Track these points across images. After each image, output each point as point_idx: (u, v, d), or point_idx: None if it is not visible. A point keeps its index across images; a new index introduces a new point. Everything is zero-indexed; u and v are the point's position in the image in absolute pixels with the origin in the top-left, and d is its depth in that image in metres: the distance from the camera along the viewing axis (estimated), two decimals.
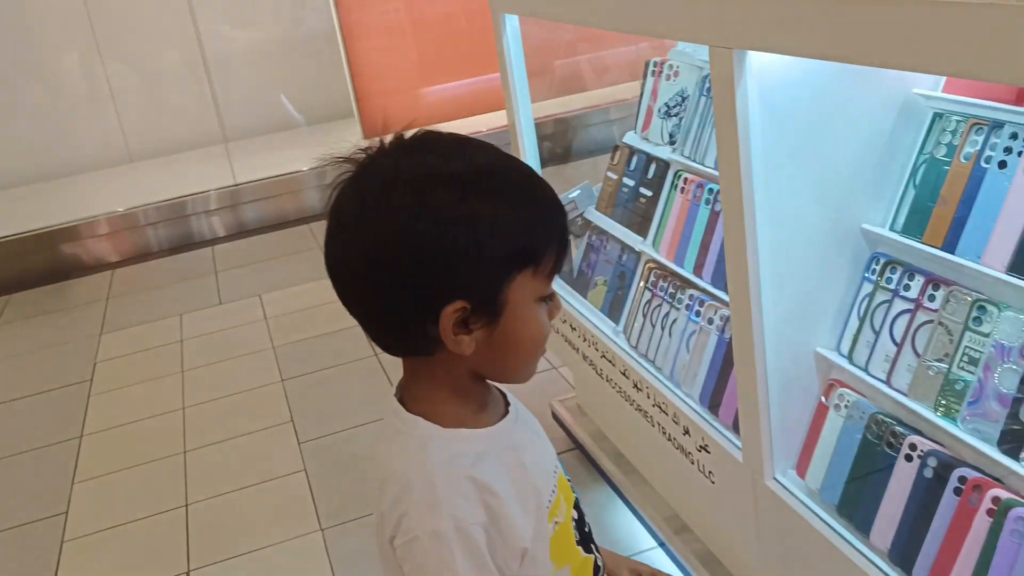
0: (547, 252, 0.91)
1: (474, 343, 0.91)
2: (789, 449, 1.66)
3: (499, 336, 0.91)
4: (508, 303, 0.90)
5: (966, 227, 1.38)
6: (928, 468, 1.37)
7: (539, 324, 0.94)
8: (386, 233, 0.88)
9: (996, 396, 1.30)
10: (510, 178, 0.93)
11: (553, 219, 0.94)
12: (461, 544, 0.89)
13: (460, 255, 0.87)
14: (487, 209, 0.88)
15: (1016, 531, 1.22)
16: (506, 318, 0.91)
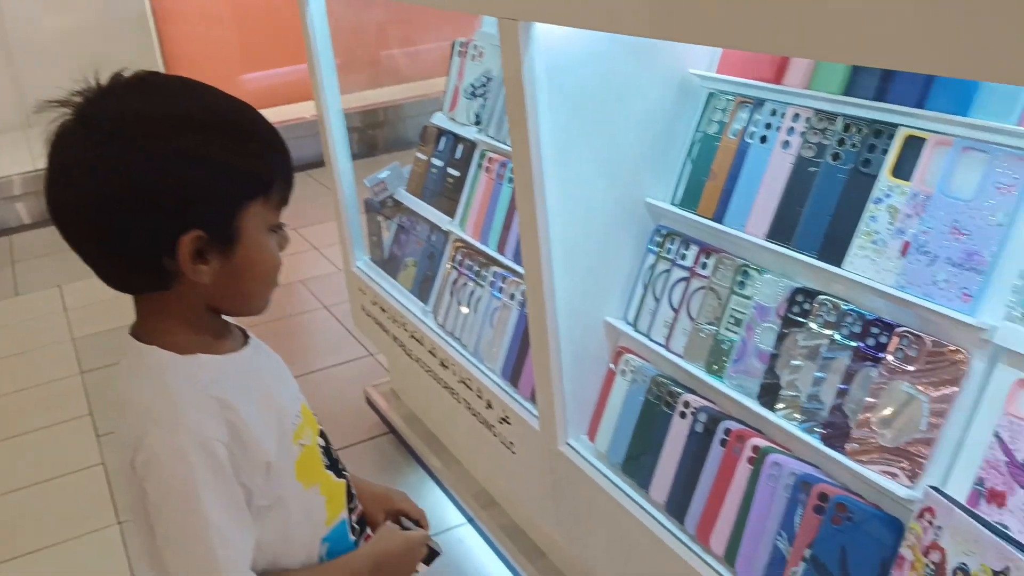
0: (274, 183, 0.97)
1: (211, 273, 0.94)
2: (581, 415, 1.73)
3: (235, 265, 0.96)
4: (242, 232, 0.95)
5: (732, 199, 1.48)
6: (699, 423, 1.46)
7: (271, 253, 0.99)
8: (117, 173, 0.89)
9: (756, 353, 1.41)
10: (235, 116, 0.97)
11: (277, 152, 0.99)
12: (203, 459, 0.91)
13: (193, 189, 0.91)
14: (216, 144, 0.92)
15: (771, 475, 1.32)
16: (241, 246, 0.95)
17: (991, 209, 1.12)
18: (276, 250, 1.00)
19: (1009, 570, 1.00)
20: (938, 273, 1.16)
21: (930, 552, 1.10)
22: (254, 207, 0.96)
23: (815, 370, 1.31)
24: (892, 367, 1.20)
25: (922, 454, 1.16)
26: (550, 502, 1.83)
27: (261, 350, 1.08)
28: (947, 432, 1.15)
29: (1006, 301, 1.10)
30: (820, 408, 1.29)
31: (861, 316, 1.26)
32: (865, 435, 1.22)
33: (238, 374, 0.99)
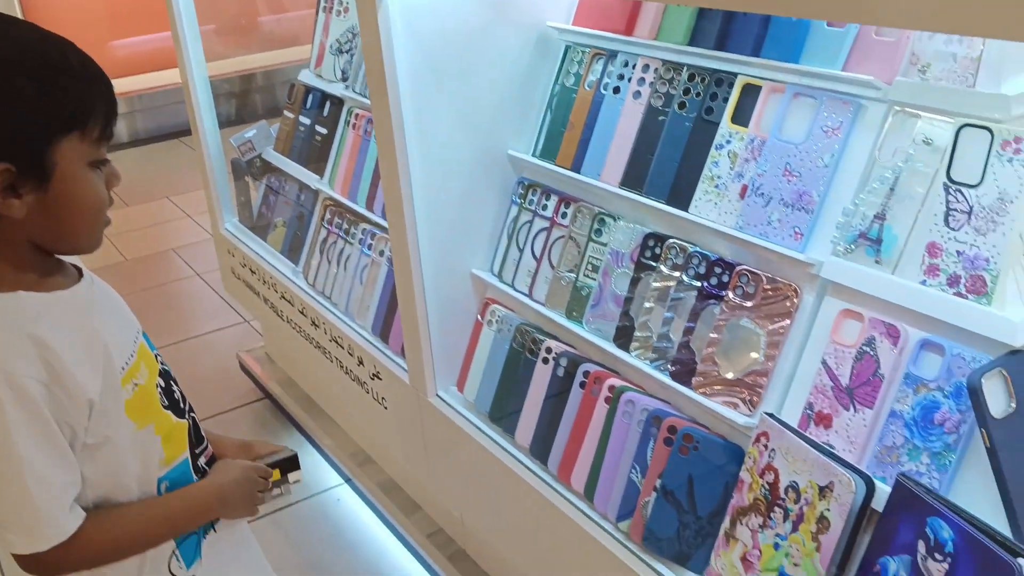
0: (92, 116, 0.94)
1: (25, 207, 0.92)
2: (451, 367, 1.75)
3: (53, 200, 0.93)
4: (57, 167, 0.93)
5: (589, 149, 1.52)
6: (560, 368, 1.50)
7: (94, 189, 0.96)
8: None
9: (612, 298, 1.46)
10: (44, 49, 0.94)
11: (93, 85, 0.96)
12: (14, 397, 0.90)
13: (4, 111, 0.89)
14: (22, 79, 0.90)
15: (626, 412, 1.37)
16: (57, 181, 0.93)
17: (819, 151, 1.19)
18: (100, 186, 0.97)
19: (833, 484, 1.08)
20: (772, 213, 1.23)
21: (765, 473, 1.17)
22: (68, 141, 0.93)
23: (665, 311, 1.36)
24: (732, 304, 1.27)
25: (760, 384, 1.23)
26: (422, 454, 1.86)
27: (96, 287, 1.05)
28: (782, 362, 1.22)
29: (831, 237, 1.17)
30: (669, 347, 1.35)
31: (706, 257, 1.32)
32: (709, 369, 1.28)
33: (62, 313, 0.97)
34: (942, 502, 0.98)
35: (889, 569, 1.03)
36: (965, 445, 1.02)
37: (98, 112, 0.95)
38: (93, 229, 0.99)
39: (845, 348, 1.14)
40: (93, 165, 0.96)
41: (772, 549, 1.15)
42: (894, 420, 1.08)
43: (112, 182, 0.99)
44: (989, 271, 1.01)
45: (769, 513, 1.16)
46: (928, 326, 1.07)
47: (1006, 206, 1.00)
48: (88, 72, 0.96)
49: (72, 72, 0.94)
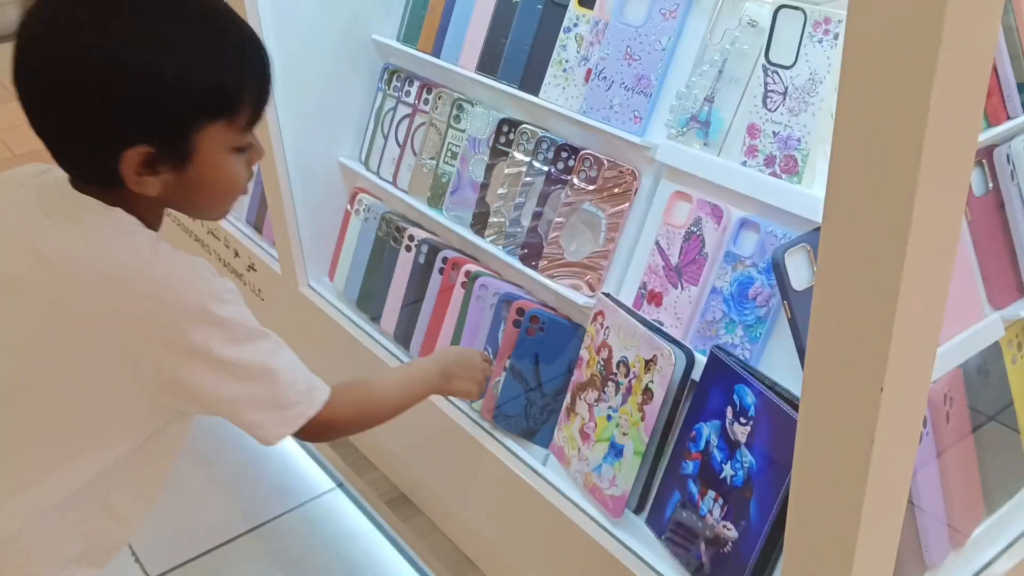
0: (242, 103, 0.86)
1: (160, 184, 0.86)
2: (322, 257, 1.76)
3: (188, 180, 0.87)
4: (198, 152, 0.86)
5: (448, 33, 1.50)
6: (422, 255, 1.52)
7: (232, 173, 0.90)
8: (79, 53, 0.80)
9: (470, 184, 1.47)
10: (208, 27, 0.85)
11: (249, 69, 0.88)
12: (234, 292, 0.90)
13: (148, 94, 0.81)
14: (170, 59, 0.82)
15: (480, 296, 1.40)
16: (195, 164, 0.86)
17: (657, 34, 1.20)
18: (240, 169, 0.90)
19: (656, 358, 1.13)
20: (614, 98, 1.24)
21: (601, 350, 1.22)
22: (213, 128, 0.85)
23: (517, 196, 1.38)
24: (577, 188, 1.29)
25: (601, 266, 1.27)
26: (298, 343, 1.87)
27: None
28: (621, 244, 1.25)
29: (665, 120, 1.19)
30: (520, 231, 1.38)
31: (554, 142, 1.33)
32: (554, 252, 1.32)
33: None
34: (748, 370, 1.04)
35: (703, 434, 1.09)
36: (774, 317, 1.07)
37: (250, 99, 0.87)
38: (224, 206, 0.94)
39: (676, 229, 1.18)
40: (237, 150, 0.89)
41: (605, 421, 1.21)
42: (715, 296, 1.13)
43: (254, 159, 0.92)
44: (800, 151, 1.04)
45: (603, 387, 1.22)
46: (747, 205, 1.11)
47: (816, 86, 1.03)
48: (247, 54, 0.88)
49: (228, 54, 0.86)
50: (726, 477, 1.05)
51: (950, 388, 1.06)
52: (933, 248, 0.70)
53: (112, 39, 0.80)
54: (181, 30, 0.83)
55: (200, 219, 0.96)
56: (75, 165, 0.87)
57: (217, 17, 0.86)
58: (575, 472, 1.25)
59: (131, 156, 0.83)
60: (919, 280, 0.70)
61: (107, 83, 0.80)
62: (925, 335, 0.75)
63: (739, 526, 1.03)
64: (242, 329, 0.88)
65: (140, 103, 0.82)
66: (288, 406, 0.91)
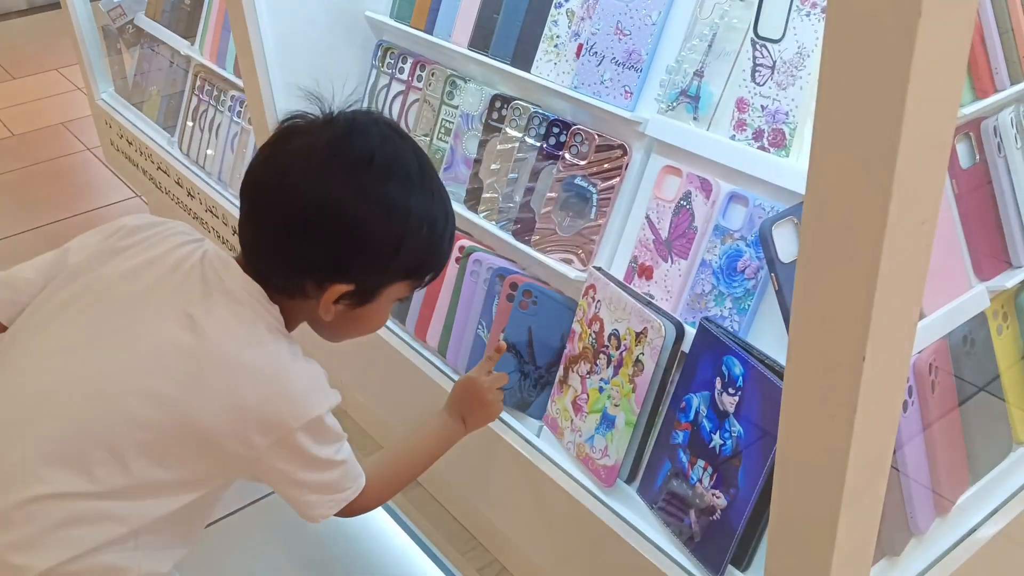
0: (432, 272, 1.01)
1: (335, 312, 0.97)
2: None
3: (356, 315, 0.99)
4: (378, 298, 0.99)
5: (440, 10, 1.51)
6: None
7: (385, 316, 1.03)
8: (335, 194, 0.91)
9: (463, 160, 1.48)
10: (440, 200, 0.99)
11: (446, 245, 1.01)
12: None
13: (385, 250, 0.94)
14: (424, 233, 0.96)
15: (473, 271, 1.42)
16: (370, 306, 0.99)
17: (648, 9, 1.21)
18: (388, 313, 1.03)
19: (646, 330, 1.15)
20: (605, 72, 1.25)
21: (593, 323, 1.23)
22: (402, 284, 0.99)
23: (509, 172, 1.39)
24: (568, 163, 1.30)
25: (592, 240, 1.28)
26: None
27: None
28: (613, 219, 1.27)
29: (655, 95, 1.20)
30: (512, 207, 1.39)
31: (546, 118, 1.34)
32: (546, 227, 1.33)
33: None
34: (736, 342, 1.06)
35: (692, 404, 1.11)
36: (762, 289, 1.08)
37: (438, 268, 1.02)
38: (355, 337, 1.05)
39: (666, 203, 1.19)
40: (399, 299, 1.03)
41: (597, 392, 1.23)
42: (704, 269, 1.14)
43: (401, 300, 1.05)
44: (788, 124, 1.05)
45: (595, 360, 1.23)
46: (736, 179, 1.12)
47: (804, 60, 1.03)
48: (451, 234, 1.01)
49: (445, 233, 0.99)
50: (715, 446, 1.07)
51: (936, 358, 1.07)
52: (914, 220, 0.71)
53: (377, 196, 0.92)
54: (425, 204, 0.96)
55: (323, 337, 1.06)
56: (276, 274, 0.95)
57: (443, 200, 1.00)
58: (568, 443, 1.27)
59: (336, 290, 0.94)
60: (900, 251, 0.71)
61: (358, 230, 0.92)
62: (906, 306, 0.77)
63: (728, 494, 1.05)
64: (334, 435, 0.98)
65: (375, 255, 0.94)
66: (340, 491, 1.01)
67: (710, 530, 1.07)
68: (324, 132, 0.94)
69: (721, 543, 1.05)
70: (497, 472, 1.39)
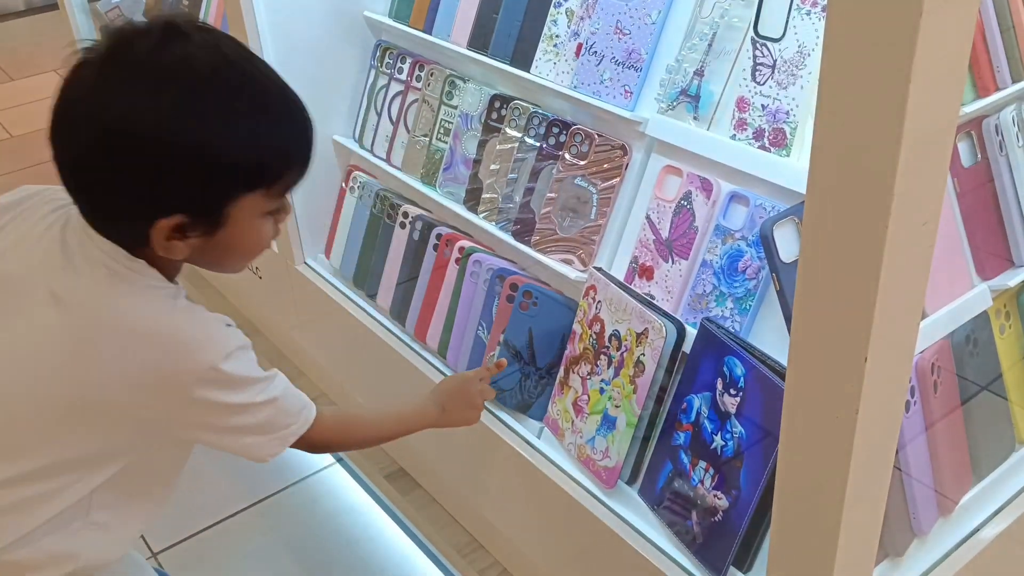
0: (282, 175, 0.87)
1: (187, 248, 0.86)
2: (318, 235, 1.76)
3: (216, 243, 0.87)
4: (231, 218, 0.85)
5: (439, 9, 1.50)
6: (416, 231, 1.53)
7: (260, 236, 0.90)
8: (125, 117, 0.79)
9: (463, 161, 1.47)
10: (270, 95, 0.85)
11: (296, 140, 0.88)
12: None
13: (193, 166, 0.81)
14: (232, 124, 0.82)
15: (473, 272, 1.41)
16: (226, 230, 0.86)
17: (647, 8, 1.20)
18: (268, 230, 0.90)
19: (647, 331, 1.14)
20: (605, 72, 1.25)
21: (593, 324, 1.23)
22: (250, 197, 0.85)
23: (509, 172, 1.39)
24: (568, 163, 1.30)
25: (592, 241, 1.27)
26: (294, 319, 1.89)
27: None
28: (613, 219, 1.26)
29: (655, 94, 1.19)
30: (512, 207, 1.38)
31: (545, 117, 1.33)
32: (546, 227, 1.32)
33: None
34: (737, 342, 1.05)
35: (693, 405, 1.10)
36: (763, 290, 1.08)
37: (289, 171, 0.87)
38: (245, 263, 0.94)
39: (666, 203, 1.18)
40: (268, 214, 0.89)
41: (598, 393, 1.22)
42: (705, 269, 1.14)
43: (282, 218, 0.92)
44: (789, 124, 1.05)
45: (596, 361, 1.23)
46: (737, 179, 1.12)
47: (804, 59, 1.03)
48: (292, 126, 0.87)
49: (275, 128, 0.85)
50: (717, 447, 1.06)
51: (938, 358, 1.07)
52: (916, 219, 0.71)
53: (162, 108, 0.79)
54: (229, 103, 0.82)
55: (219, 273, 0.97)
56: (104, 224, 0.87)
57: (264, 90, 0.85)
58: (569, 444, 1.27)
59: (163, 225, 0.83)
60: (902, 251, 0.70)
61: (152, 152, 0.80)
62: (908, 305, 0.76)
63: (730, 495, 1.04)
64: (247, 381, 0.90)
65: (184, 175, 0.82)
66: (282, 428, 0.94)
67: (712, 531, 1.07)
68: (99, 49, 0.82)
69: (723, 544, 1.05)
70: (498, 474, 1.39)
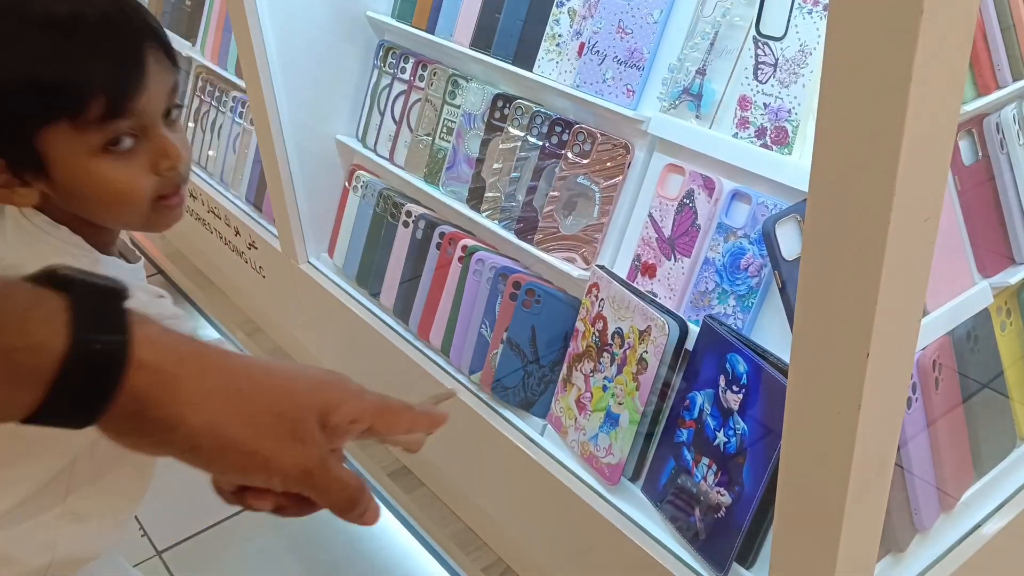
0: (81, 100, 0.71)
1: (37, 194, 0.76)
2: (321, 235, 1.77)
3: (62, 190, 0.75)
4: (49, 157, 0.73)
5: (442, 8, 1.51)
6: (419, 230, 1.53)
7: (109, 179, 0.75)
8: None
9: (466, 160, 1.48)
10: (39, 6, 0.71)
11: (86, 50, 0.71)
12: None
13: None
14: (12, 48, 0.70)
15: (476, 270, 1.42)
16: (56, 172, 0.74)
17: (649, 7, 1.21)
18: (121, 172, 0.75)
19: (650, 328, 1.15)
20: (607, 71, 1.25)
21: (596, 322, 1.24)
22: (56, 132, 0.72)
23: (512, 171, 1.39)
24: (570, 162, 1.30)
25: (595, 239, 1.28)
26: (298, 317, 1.89)
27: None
28: (616, 217, 1.27)
29: (658, 93, 1.20)
30: (515, 206, 1.39)
31: (548, 116, 1.34)
32: (549, 226, 1.33)
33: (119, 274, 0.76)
34: (740, 339, 1.06)
35: (696, 402, 1.11)
36: (766, 287, 1.08)
37: (95, 90, 0.71)
38: (128, 216, 0.79)
39: (669, 201, 1.19)
40: (106, 149, 0.74)
41: (601, 391, 1.23)
42: (707, 267, 1.14)
43: (159, 160, 0.76)
44: (791, 122, 1.05)
45: (599, 358, 1.23)
46: (739, 177, 1.12)
47: (806, 58, 1.04)
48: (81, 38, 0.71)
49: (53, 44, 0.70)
50: (719, 444, 1.07)
51: (940, 354, 1.07)
52: (917, 216, 0.71)
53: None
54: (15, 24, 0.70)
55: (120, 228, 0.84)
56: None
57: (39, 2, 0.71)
58: (572, 441, 1.28)
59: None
60: (903, 248, 0.71)
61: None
62: (910, 302, 0.77)
63: (732, 492, 1.05)
64: None
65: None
66: None
67: (715, 527, 1.07)
68: None
69: (726, 540, 1.05)
70: (501, 471, 1.39)
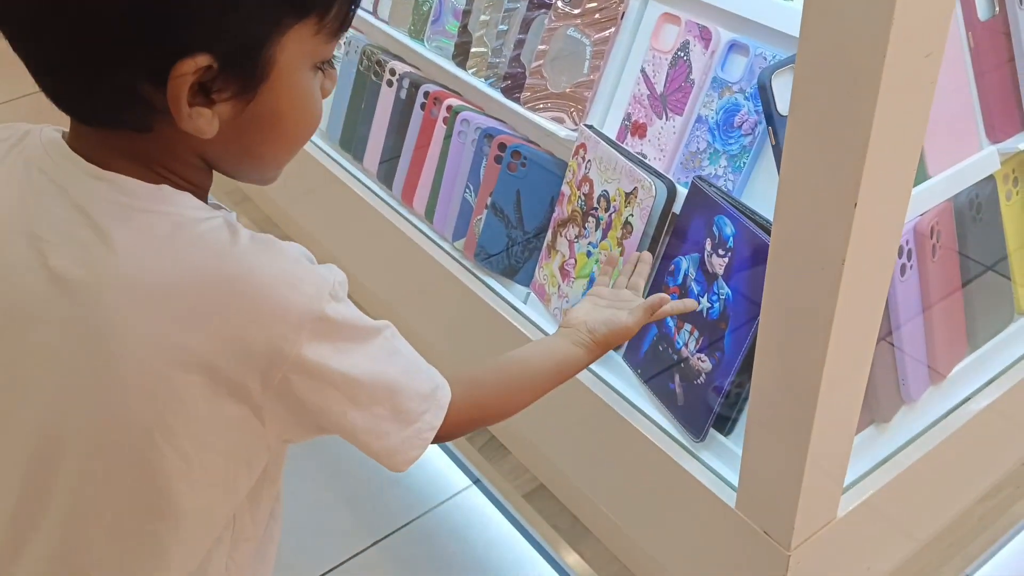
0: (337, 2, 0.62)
1: (216, 122, 0.60)
2: None
3: (254, 114, 0.62)
4: (276, 65, 0.61)
5: None
6: (403, 89, 1.46)
7: (314, 101, 0.65)
8: None
9: (452, 12, 1.40)
10: None
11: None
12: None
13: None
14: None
15: (461, 131, 1.35)
16: (269, 87, 0.61)
17: None
18: (319, 97, 0.66)
19: (636, 190, 1.09)
20: None
21: (582, 185, 1.18)
22: (299, 32, 0.61)
23: (499, 23, 1.31)
24: (560, 12, 1.22)
25: (584, 97, 1.21)
26: (283, 190, 1.84)
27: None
28: (607, 74, 1.19)
29: None
30: (502, 61, 1.31)
31: None
32: (536, 83, 1.26)
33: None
34: (728, 200, 1.00)
35: (681, 267, 1.07)
36: (759, 146, 1.02)
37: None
38: (289, 157, 0.69)
39: (662, 54, 1.12)
40: (317, 67, 0.65)
41: (585, 257, 1.19)
42: (700, 125, 1.08)
43: (328, 89, 0.67)
44: None
45: (584, 223, 1.18)
46: (738, 26, 1.05)
47: None
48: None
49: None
50: (702, 310, 1.03)
51: (939, 221, 1.02)
52: (918, 50, 0.65)
53: None
54: None
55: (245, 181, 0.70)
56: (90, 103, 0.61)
57: None
58: (555, 309, 1.24)
59: (182, 75, 0.57)
60: (901, 85, 0.65)
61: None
62: (905, 147, 0.71)
63: (713, 358, 1.02)
64: (357, 330, 0.66)
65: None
66: (414, 419, 0.70)
67: (693, 394, 1.05)
68: None
69: (704, 407, 1.03)
70: (483, 341, 1.36)
